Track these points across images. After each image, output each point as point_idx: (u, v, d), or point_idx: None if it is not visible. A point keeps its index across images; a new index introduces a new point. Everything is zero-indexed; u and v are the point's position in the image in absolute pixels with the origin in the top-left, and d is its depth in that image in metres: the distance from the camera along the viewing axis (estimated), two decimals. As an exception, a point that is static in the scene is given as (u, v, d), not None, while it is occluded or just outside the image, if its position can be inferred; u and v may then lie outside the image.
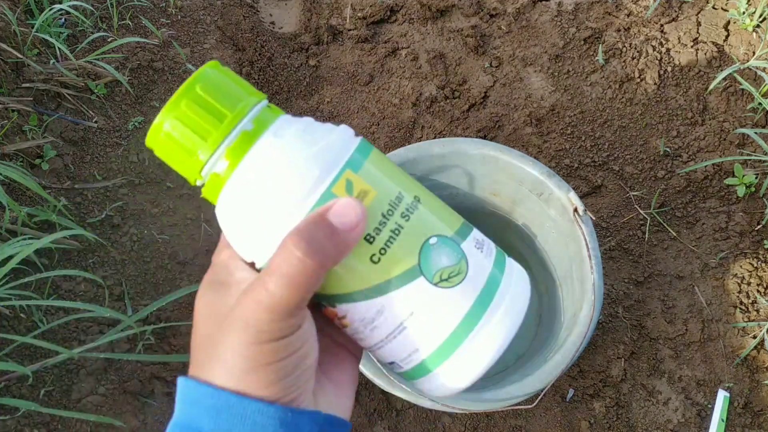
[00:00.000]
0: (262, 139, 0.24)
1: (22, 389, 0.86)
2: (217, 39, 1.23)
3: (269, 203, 0.23)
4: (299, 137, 0.24)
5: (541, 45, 1.23)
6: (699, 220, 1.04)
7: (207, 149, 0.24)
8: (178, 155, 0.25)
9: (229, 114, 0.24)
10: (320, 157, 0.24)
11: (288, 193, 0.23)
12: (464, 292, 0.25)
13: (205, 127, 0.24)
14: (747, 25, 1.17)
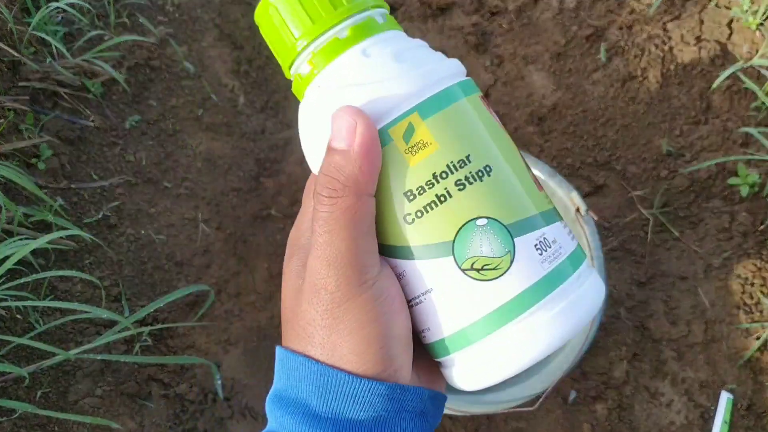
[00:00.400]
0: (347, 53, 0.22)
1: (18, 391, 0.85)
2: (215, 37, 1.22)
3: (328, 129, 0.22)
4: (382, 62, 0.22)
5: (542, 43, 1.22)
6: (702, 220, 1.03)
7: (300, 44, 0.23)
8: (277, 40, 0.24)
9: (323, 14, 0.22)
10: (389, 92, 0.21)
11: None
12: (493, 291, 0.22)
13: (301, 19, 0.22)
14: (750, 23, 1.16)
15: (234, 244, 1.04)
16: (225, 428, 0.91)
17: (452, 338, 0.22)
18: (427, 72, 0.22)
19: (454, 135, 0.22)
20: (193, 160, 1.10)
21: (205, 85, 1.16)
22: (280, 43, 0.24)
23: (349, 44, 0.23)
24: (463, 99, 0.23)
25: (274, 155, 1.15)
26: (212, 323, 0.97)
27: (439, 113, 0.22)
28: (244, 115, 1.16)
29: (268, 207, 1.09)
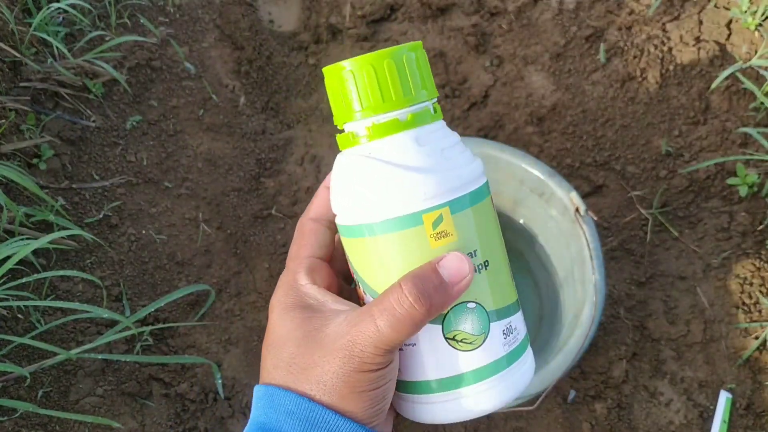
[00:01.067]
0: (403, 135, 0.26)
1: (19, 390, 0.85)
2: (216, 37, 1.22)
3: (370, 192, 0.26)
4: (431, 154, 0.26)
5: (542, 43, 1.22)
6: (701, 220, 1.03)
7: (364, 114, 0.27)
8: (341, 99, 0.28)
9: (394, 98, 0.26)
10: (433, 184, 0.26)
11: (388, 194, 0.25)
12: (464, 360, 0.27)
13: (374, 95, 0.26)
14: (749, 23, 1.16)
15: (234, 243, 1.05)
16: (225, 428, 0.92)
17: (421, 384, 0.27)
18: (463, 173, 0.27)
19: (470, 231, 0.26)
20: (193, 160, 1.10)
21: (206, 85, 1.16)
22: (346, 104, 0.27)
23: (406, 127, 0.26)
24: (481, 201, 0.28)
25: (274, 155, 1.15)
26: (213, 323, 0.98)
27: (464, 211, 0.26)
28: (244, 116, 1.16)
29: (269, 207, 1.09)
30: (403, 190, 0.25)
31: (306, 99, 1.22)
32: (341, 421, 0.25)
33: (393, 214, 0.25)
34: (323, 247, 0.30)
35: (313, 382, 0.26)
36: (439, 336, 0.26)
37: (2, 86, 1.02)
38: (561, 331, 0.82)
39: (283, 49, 1.27)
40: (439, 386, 0.27)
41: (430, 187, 0.25)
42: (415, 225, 0.25)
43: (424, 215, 0.25)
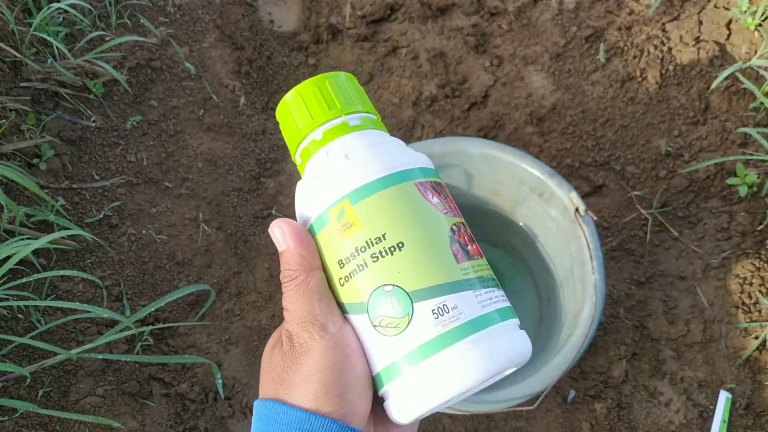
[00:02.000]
0: (318, 152, 0.30)
1: (20, 390, 0.85)
2: (216, 37, 1.23)
3: (303, 205, 0.30)
4: (332, 161, 0.29)
5: (542, 44, 1.22)
6: (701, 220, 1.04)
7: (292, 148, 0.31)
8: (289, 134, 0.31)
9: (305, 125, 0.30)
10: (332, 184, 0.28)
11: (310, 201, 0.29)
12: (393, 345, 0.26)
13: (292, 131, 0.31)
14: (749, 24, 1.16)
15: (235, 243, 1.05)
16: (226, 427, 0.92)
17: (376, 377, 0.28)
18: (369, 166, 0.28)
19: (376, 217, 0.27)
20: (194, 160, 1.10)
21: (206, 85, 1.16)
22: (289, 131, 0.31)
23: (319, 145, 0.29)
24: (396, 185, 0.28)
25: (274, 155, 1.15)
26: (213, 323, 0.98)
27: (366, 199, 0.27)
28: (244, 116, 1.16)
29: (269, 207, 1.09)
30: (313, 197, 0.29)
31: (306, 99, 1.22)
32: (305, 415, 0.26)
33: (311, 219, 0.29)
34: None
35: (272, 381, 0.28)
36: (369, 325, 0.27)
37: (2, 86, 1.02)
38: (561, 331, 0.82)
39: (283, 49, 1.27)
40: (386, 377, 0.27)
41: (330, 187, 0.28)
42: (325, 224, 0.28)
43: (328, 213, 0.28)
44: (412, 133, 1.16)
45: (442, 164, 0.86)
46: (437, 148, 0.83)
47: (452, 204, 0.30)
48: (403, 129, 1.16)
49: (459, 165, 0.86)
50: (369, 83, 1.22)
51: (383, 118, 1.18)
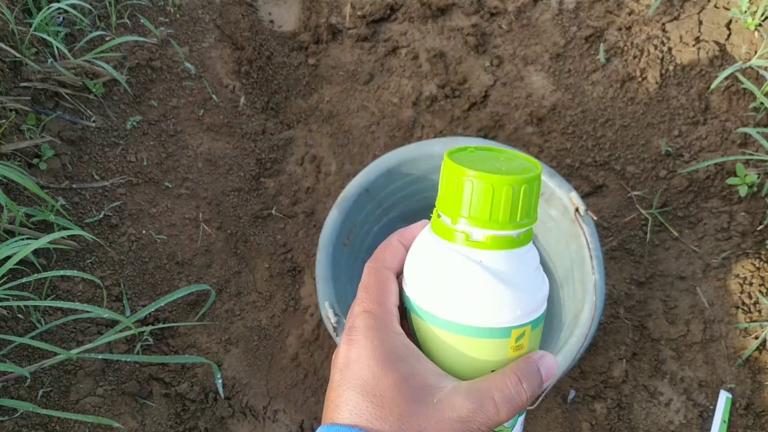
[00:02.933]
0: (514, 252, 0.29)
1: (20, 390, 0.85)
2: (216, 38, 1.23)
3: (471, 296, 0.29)
4: (528, 275, 0.29)
5: (542, 44, 1.22)
6: (701, 220, 1.04)
7: (484, 225, 0.29)
8: (463, 199, 0.29)
9: (517, 219, 0.29)
10: (525, 304, 0.29)
11: (489, 305, 0.28)
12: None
13: (503, 212, 0.29)
14: (749, 24, 1.16)
15: (235, 243, 1.05)
16: (226, 427, 0.92)
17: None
18: (544, 294, 0.30)
19: (535, 343, 0.31)
20: (194, 160, 1.10)
21: (206, 85, 1.16)
22: (469, 206, 0.29)
23: (517, 245, 0.29)
24: (542, 323, 0.31)
25: (274, 155, 1.15)
26: (213, 323, 0.98)
27: (537, 328, 0.30)
28: (244, 116, 1.16)
29: (269, 207, 1.10)
30: (503, 306, 0.28)
31: (306, 99, 1.22)
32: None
33: (487, 323, 0.29)
34: (398, 300, 0.32)
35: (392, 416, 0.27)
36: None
37: (3, 86, 1.02)
38: (561, 331, 0.82)
39: (283, 49, 1.27)
40: None
41: (523, 306, 0.29)
42: (503, 337, 0.29)
43: (513, 330, 0.29)
44: (412, 133, 1.16)
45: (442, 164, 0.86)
46: (437, 148, 0.83)
47: None
48: (403, 129, 1.16)
49: (459, 165, 0.86)
50: (369, 83, 1.22)
51: (383, 118, 1.18)
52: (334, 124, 1.18)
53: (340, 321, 0.72)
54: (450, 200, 0.29)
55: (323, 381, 0.95)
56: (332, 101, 1.21)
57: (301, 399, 0.94)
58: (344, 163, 1.13)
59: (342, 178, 1.11)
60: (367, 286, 0.31)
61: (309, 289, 1.02)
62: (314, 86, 1.23)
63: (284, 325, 0.99)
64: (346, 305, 0.78)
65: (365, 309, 0.30)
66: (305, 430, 0.92)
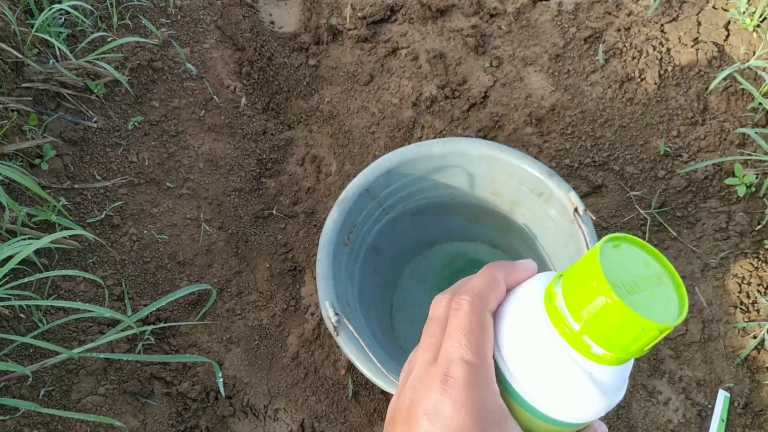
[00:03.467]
0: (620, 368, 0.29)
1: (21, 389, 0.85)
2: (217, 39, 1.23)
3: (571, 400, 0.28)
4: (624, 382, 0.29)
5: (541, 45, 1.22)
6: (699, 220, 1.04)
7: (608, 348, 0.27)
8: (583, 299, 0.27)
9: (641, 352, 0.27)
10: (613, 405, 0.29)
11: (585, 408, 0.28)
12: None
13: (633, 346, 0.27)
14: (747, 24, 1.17)
15: (236, 243, 1.05)
16: (227, 426, 0.92)
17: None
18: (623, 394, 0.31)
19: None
20: (195, 160, 1.10)
21: (207, 86, 1.16)
22: (596, 320, 0.27)
23: (622, 363, 0.29)
24: None
25: (275, 156, 1.16)
26: (214, 322, 0.98)
27: None
28: (245, 116, 1.17)
29: (270, 207, 1.10)
30: (598, 410, 0.29)
31: (306, 100, 1.22)
32: None
33: (577, 420, 0.29)
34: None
35: None
36: None
37: (4, 87, 1.02)
38: (560, 330, 0.82)
39: (283, 50, 1.27)
40: None
41: (610, 407, 0.29)
42: (585, 425, 0.30)
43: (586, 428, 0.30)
44: (412, 134, 1.17)
45: (442, 165, 0.86)
46: (437, 149, 0.84)
47: None
48: (403, 129, 1.16)
49: (459, 165, 0.86)
50: (369, 84, 1.22)
51: (383, 119, 1.18)
52: (334, 125, 1.19)
53: (341, 320, 0.72)
54: (585, 309, 0.27)
55: (324, 380, 0.95)
56: (332, 102, 1.21)
57: (302, 398, 0.94)
58: (344, 163, 1.14)
59: (342, 179, 1.11)
60: (469, 330, 0.28)
61: (309, 289, 1.03)
62: (315, 87, 1.24)
63: (285, 324, 1.00)
64: (347, 304, 0.79)
65: (466, 359, 0.27)
66: (306, 428, 0.92)
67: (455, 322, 0.28)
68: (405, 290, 1.02)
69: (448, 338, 0.28)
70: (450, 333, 0.29)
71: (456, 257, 1.04)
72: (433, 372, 0.28)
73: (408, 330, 0.98)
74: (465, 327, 0.28)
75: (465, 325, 0.28)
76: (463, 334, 0.28)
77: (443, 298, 0.31)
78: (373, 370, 0.70)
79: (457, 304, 0.29)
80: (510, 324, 0.29)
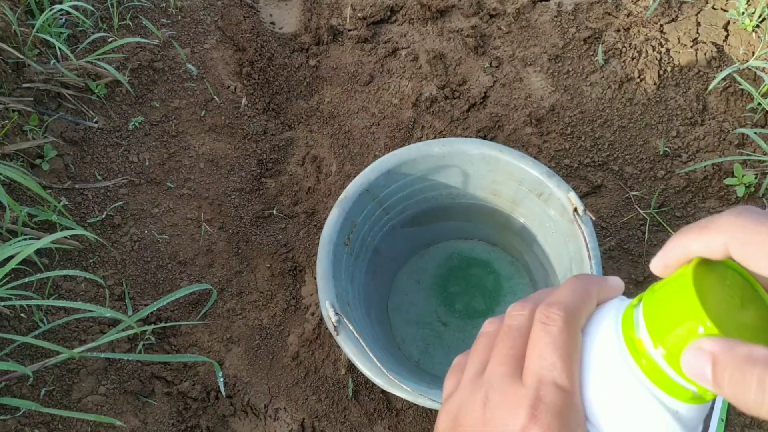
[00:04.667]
0: (705, 405, 0.26)
1: (22, 389, 0.86)
2: (218, 39, 1.23)
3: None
4: (702, 419, 0.26)
5: (540, 45, 1.23)
6: (698, 219, 1.04)
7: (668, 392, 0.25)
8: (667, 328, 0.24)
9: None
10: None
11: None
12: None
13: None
14: (746, 25, 1.17)
15: (236, 243, 1.05)
16: (227, 425, 0.92)
17: None
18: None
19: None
20: (195, 160, 1.11)
21: (208, 86, 1.17)
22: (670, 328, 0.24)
23: (697, 400, 0.26)
24: None
25: (275, 156, 1.16)
26: (215, 322, 0.98)
27: None
28: (246, 117, 1.17)
29: (270, 207, 1.10)
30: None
31: (307, 100, 1.23)
32: None
33: None
34: None
35: None
36: None
37: (5, 87, 1.02)
38: (560, 330, 0.83)
39: (284, 50, 1.28)
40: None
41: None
42: None
43: None
44: (412, 134, 1.17)
45: (442, 165, 0.86)
46: (437, 149, 0.84)
47: None
48: (403, 130, 1.17)
49: (458, 165, 0.87)
50: (369, 84, 1.23)
51: (384, 119, 1.19)
52: (334, 125, 1.19)
53: (341, 320, 0.72)
54: (675, 338, 0.24)
55: (324, 380, 0.95)
56: (333, 102, 1.22)
57: (302, 397, 0.94)
58: (345, 163, 1.14)
59: (342, 179, 1.12)
60: (565, 352, 0.25)
61: (310, 289, 1.03)
62: (315, 87, 1.24)
63: (285, 324, 1.00)
64: (347, 304, 0.79)
65: (559, 384, 0.24)
66: (306, 428, 0.92)
67: (547, 339, 0.25)
68: (402, 290, 1.02)
69: (539, 358, 0.25)
70: (541, 352, 0.25)
71: (453, 256, 1.04)
72: (520, 393, 0.25)
73: (405, 330, 0.99)
74: (559, 347, 0.25)
75: (559, 345, 0.25)
76: (557, 356, 0.25)
77: (525, 307, 0.28)
78: (374, 370, 0.70)
79: (546, 317, 0.26)
80: (590, 354, 0.26)
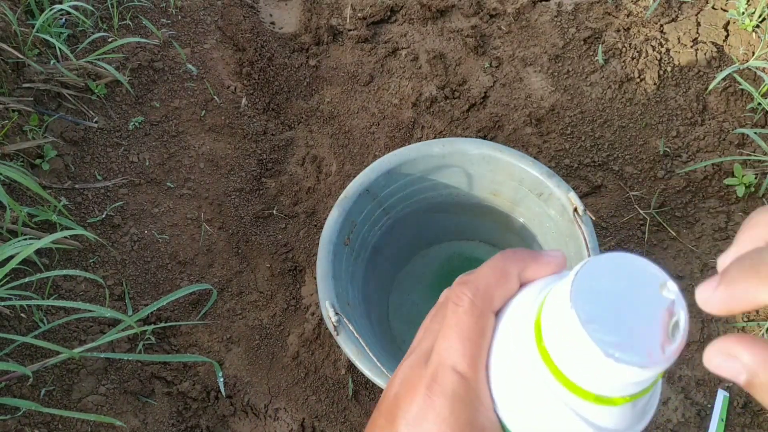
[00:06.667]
0: (623, 407, 0.24)
1: (22, 389, 0.86)
2: (218, 39, 1.23)
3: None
4: (634, 423, 0.24)
5: (540, 45, 1.23)
6: (698, 220, 1.04)
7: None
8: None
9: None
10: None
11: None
12: None
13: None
14: (746, 25, 1.17)
15: (236, 243, 1.05)
16: (227, 425, 0.92)
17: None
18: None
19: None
20: (195, 160, 1.11)
21: (208, 86, 1.17)
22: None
23: (632, 399, 0.24)
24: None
25: (275, 156, 1.16)
26: (215, 322, 0.98)
27: None
28: (246, 117, 1.17)
29: (270, 207, 1.10)
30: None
31: (307, 100, 1.23)
32: None
33: None
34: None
35: None
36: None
37: (5, 87, 1.02)
38: (560, 330, 0.83)
39: (284, 50, 1.28)
40: None
41: None
42: None
43: None
44: (412, 134, 1.17)
45: (442, 165, 0.86)
46: (437, 149, 0.84)
47: None
48: (403, 130, 1.17)
49: (458, 165, 0.87)
50: (369, 84, 1.23)
51: (383, 119, 1.19)
52: (334, 125, 1.19)
53: (341, 320, 0.72)
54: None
55: (324, 379, 0.95)
56: (333, 102, 1.22)
57: (302, 397, 0.94)
58: (345, 163, 1.14)
59: (342, 179, 1.12)
60: (466, 335, 0.24)
61: (310, 289, 1.03)
62: (315, 87, 1.24)
63: (285, 324, 1.00)
64: (347, 304, 0.79)
65: (457, 368, 0.23)
66: (306, 428, 0.92)
67: (452, 321, 0.24)
68: (402, 290, 1.02)
69: (443, 339, 0.24)
70: (445, 333, 0.24)
71: (453, 256, 1.04)
72: (421, 373, 0.25)
73: (405, 330, 0.99)
74: (461, 330, 0.24)
75: (461, 328, 0.24)
76: (458, 339, 0.24)
77: (450, 288, 0.27)
78: (374, 370, 0.70)
79: (457, 298, 0.25)
80: (499, 340, 0.24)
